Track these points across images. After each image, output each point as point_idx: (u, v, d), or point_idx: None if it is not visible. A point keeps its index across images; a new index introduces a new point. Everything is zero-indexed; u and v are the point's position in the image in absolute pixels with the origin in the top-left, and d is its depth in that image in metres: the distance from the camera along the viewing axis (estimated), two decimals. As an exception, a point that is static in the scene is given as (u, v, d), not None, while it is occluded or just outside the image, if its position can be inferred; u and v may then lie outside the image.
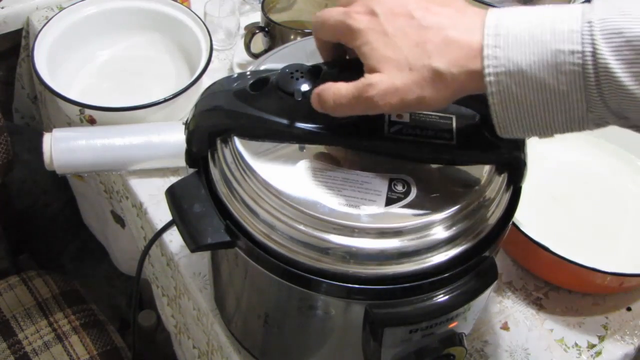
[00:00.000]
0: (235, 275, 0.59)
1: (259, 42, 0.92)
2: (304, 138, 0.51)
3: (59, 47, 0.90)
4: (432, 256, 0.48)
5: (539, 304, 0.74)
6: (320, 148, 0.51)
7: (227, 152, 0.51)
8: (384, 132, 0.50)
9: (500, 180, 0.51)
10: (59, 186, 1.33)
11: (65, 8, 0.93)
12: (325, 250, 0.47)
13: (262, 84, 0.51)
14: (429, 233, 0.47)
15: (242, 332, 0.66)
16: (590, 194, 0.81)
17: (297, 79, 0.49)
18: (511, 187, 0.53)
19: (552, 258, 0.67)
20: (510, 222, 0.53)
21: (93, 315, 1.03)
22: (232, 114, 0.51)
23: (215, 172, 0.52)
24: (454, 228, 0.48)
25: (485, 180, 0.50)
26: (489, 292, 0.53)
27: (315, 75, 0.49)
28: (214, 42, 0.90)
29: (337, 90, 0.46)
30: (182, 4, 0.96)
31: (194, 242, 0.51)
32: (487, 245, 0.51)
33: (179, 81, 0.94)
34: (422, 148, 0.50)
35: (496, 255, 0.54)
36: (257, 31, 0.90)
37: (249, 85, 0.51)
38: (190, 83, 0.84)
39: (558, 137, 0.50)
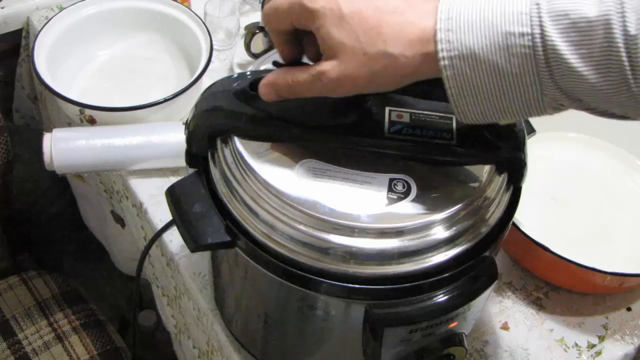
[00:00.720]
0: (235, 275, 0.59)
1: (259, 42, 0.92)
2: (304, 138, 0.51)
3: (59, 47, 0.90)
4: (432, 256, 0.48)
5: (539, 304, 0.74)
6: (321, 148, 0.51)
7: (227, 152, 0.51)
8: (384, 132, 0.50)
9: (500, 180, 0.51)
10: (59, 186, 1.33)
11: (65, 8, 0.93)
12: (326, 250, 0.47)
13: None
14: (429, 233, 0.47)
15: (242, 332, 0.66)
16: (590, 194, 0.81)
17: None
18: (511, 187, 0.53)
19: (552, 258, 0.67)
20: (510, 222, 0.53)
21: (93, 315, 1.03)
22: (232, 114, 0.51)
23: (215, 172, 0.52)
24: (454, 228, 0.48)
25: (485, 180, 0.50)
26: (489, 292, 0.53)
27: None
28: (214, 42, 0.90)
29: (294, 77, 0.46)
30: (182, 4, 0.96)
31: (194, 242, 0.51)
32: (487, 245, 0.51)
33: (179, 81, 0.94)
34: (422, 148, 0.50)
35: (496, 255, 0.54)
36: (257, 31, 0.90)
37: (249, 85, 0.51)
38: (190, 83, 0.84)
39: (558, 137, 0.50)
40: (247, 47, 0.91)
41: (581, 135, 0.87)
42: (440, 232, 0.48)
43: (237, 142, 0.51)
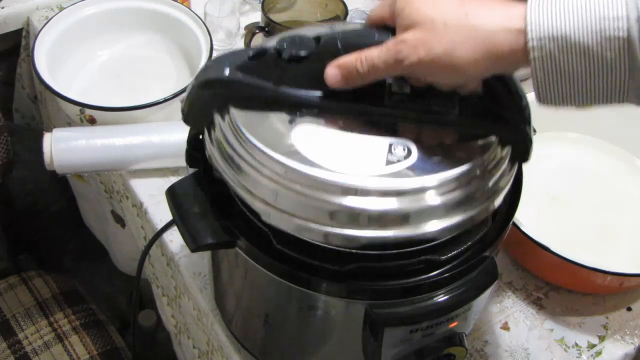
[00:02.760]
0: (235, 275, 0.59)
1: (259, 42, 0.92)
2: (303, 105, 0.50)
3: (59, 47, 0.90)
4: (430, 222, 0.47)
5: (539, 304, 0.74)
6: (318, 116, 0.50)
7: (224, 124, 0.50)
8: (383, 102, 0.49)
9: (504, 153, 0.50)
10: (59, 186, 1.33)
11: (65, 8, 0.93)
12: (326, 211, 0.46)
13: (261, 54, 0.49)
14: (429, 195, 0.46)
15: (242, 332, 0.66)
16: (590, 194, 0.81)
17: (296, 44, 0.48)
18: (516, 165, 0.52)
19: (552, 258, 0.67)
20: (510, 222, 0.53)
21: (93, 315, 1.03)
22: (230, 83, 0.50)
23: (212, 149, 0.51)
24: (456, 192, 0.47)
25: (488, 150, 0.49)
26: (489, 292, 0.53)
27: (315, 42, 0.48)
28: (214, 42, 0.90)
29: (367, 54, 0.46)
30: (182, 4, 0.96)
31: (194, 242, 0.51)
32: (487, 245, 0.51)
33: (179, 81, 0.94)
34: (423, 116, 0.49)
35: (496, 255, 0.54)
36: (257, 31, 0.90)
37: (248, 57, 0.50)
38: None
39: (558, 137, 0.49)
40: (247, 47, 0.91)
41: (581, 135, 0.87)
42: (440, 196, 0.46)
43: (235, 113, 0.49)
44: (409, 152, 0.48)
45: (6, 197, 1.18)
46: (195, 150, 0.55)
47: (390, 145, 0.48)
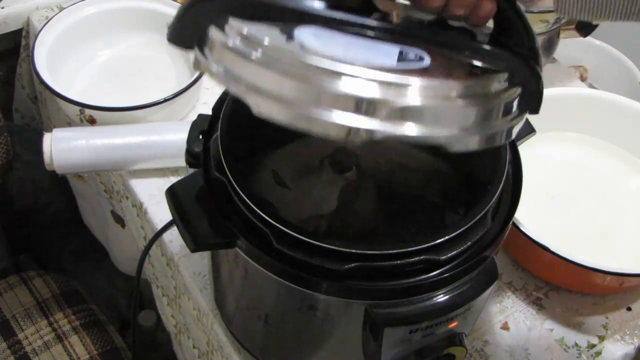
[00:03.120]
0: (235, 275, 0.59)
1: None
2: (308, 13, 0.47)
3: (59, 47, 0.90)
4: (432, 125, 0.44)
5: (539, 304, 0.74)
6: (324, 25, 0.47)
7: (223, 35, 0.48)
8: (392, 23, 0.47)
9: (513, 93, 0.47)
10: (59, 186, 1.33)
11: (65, 8, 0.93)
12: (326, 96, 0.43)
13: None
14: (435, 95, 0.43)
15: (242, 332, 0.66)
16: (590, 194, 0.81)
17: None
18: (525, 115, 0.49)
19: (552, 258, 0.67)
20: (510, 222, 0.53)
21: (93, 315, 1.03)
22: None
23: (203, 59, 0.49)
24: (462, 101, 0.44)
25: (497, 79, 0.46)
26: (489, 292, 0.53)
27: None
28: (214, 42, 0.90)
29: None
30: (182, 4, 0.96)
31: (193, 242, 0.51)
32: (487, 245, 0.51)
33: (179, 81, 0.93)
34: (434, 37, 0.47)
35: (496, 255, 0.54)
36: (257, 31, 0.89)
37: None
38: (190, 83, 0.84)
39: (558, 137, 0.48)
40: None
41: (581, 135, 0.87)
42: (446, 101, 0.44)
43: (234, 21, 0.47)
44: (421, 59, 0.46)
45: (6, 197, 1.18)
46: (195, 150, 0.55)
47: (402, 52, 0.46)
